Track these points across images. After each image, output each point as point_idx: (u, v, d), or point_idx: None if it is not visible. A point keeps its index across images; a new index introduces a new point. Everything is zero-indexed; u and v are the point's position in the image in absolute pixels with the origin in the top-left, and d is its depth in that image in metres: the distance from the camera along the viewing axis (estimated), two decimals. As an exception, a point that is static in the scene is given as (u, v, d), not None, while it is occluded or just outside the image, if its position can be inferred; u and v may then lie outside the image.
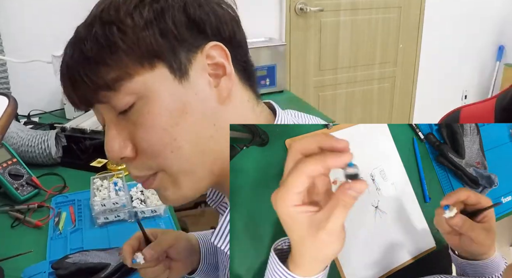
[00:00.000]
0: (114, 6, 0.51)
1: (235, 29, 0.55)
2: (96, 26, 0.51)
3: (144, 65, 0.50)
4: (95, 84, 0.51)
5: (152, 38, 0.50)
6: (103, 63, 0.50)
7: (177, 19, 0.51)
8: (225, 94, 0.53)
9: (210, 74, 0.53)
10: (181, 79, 0.51)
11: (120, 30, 0.50)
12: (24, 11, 1.88)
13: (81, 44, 0.51)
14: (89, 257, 0.94)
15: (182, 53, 0.51)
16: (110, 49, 0.50)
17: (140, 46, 0.50)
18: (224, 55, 0.53)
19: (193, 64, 0.52)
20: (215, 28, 0.53)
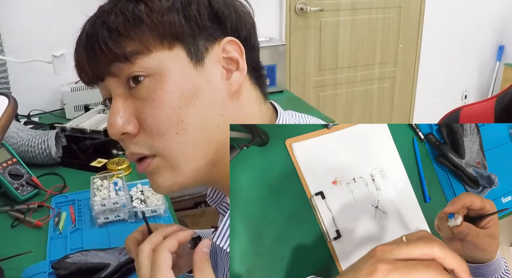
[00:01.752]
0: None
1: (251, 32, 0.58)
2: (122, 1, 0.52)
3: (164, 43, 0.52)
4: (113, 54, 0.52)
5: (176, 20, 0.52)
6: (126, 35, 0.51)
7: (202, 9, 0.53)
8: (235, 88, 0.55)
9: (224, 67, 0.55)
10: (196, 64, 0.53)
11: (147, 7, 0.51)
12: (24, 11, 1.88)
13: (106, 16, 0.52)
14: (89, 257, 0.94)
15: (201, 40, 0.53)
16: (135, 22, 0.51)
17: (164, 25, 0.51)
18: (239, 51, 0.55)
19: (209, 53, 0.54)
20: (234, 26, 0.55)
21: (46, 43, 1.86)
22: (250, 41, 0.58)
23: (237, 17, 0.56)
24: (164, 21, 0.51)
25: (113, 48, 0.51)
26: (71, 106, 1.88)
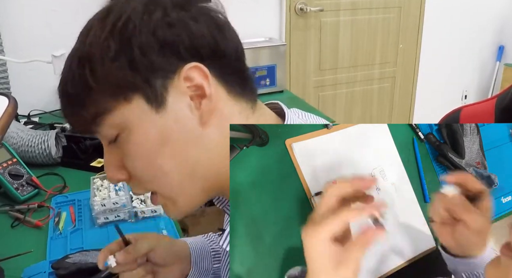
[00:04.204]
0: (89, 39, 0.51)
1: (216, 39, 0.52)
2: (73, 64, 0.52)
3: (119, 100, 0.51)
4: (81, 120, 0.53)
5: (122, 73, 0.49)
6: (82, 103, 0.52)
7: (147, 47, 0.49)
8: (206, 117, 0.52)
9: (192, 96, 0.52)
10: (158, 109, 0.51)
11: (91, 69, 0.50)
12: (24, 11, 1.88)
13: (64, 84, 0.53)
14: (89, 257, 0.94)
15: (158, 82, 0.50)
16: (86, 89, 0.51)
17: (111, 84, 0.50)
18: (203, 76, 0.51)
19: (170, 91, 0.51)
20: (190, 48, 0.51)
21: (46, 43, 1.86)
22: (218, 49, 0.52)
23: (190, 36, 0.50)
24: (110, 80, 0.50)
25: (76, 117, 0.53)
26: (71, 106, 1.88)
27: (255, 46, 2.08)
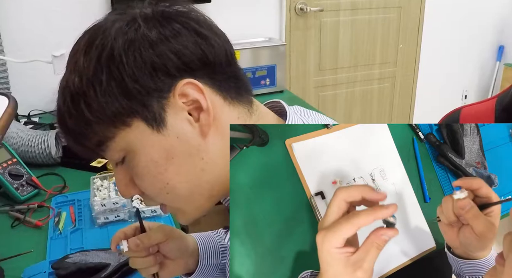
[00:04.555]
0: (78, 71, 0.52)
1: (203, 50, 0.52)
2: (67, 97, 0.53)
3: (118, 126, 0.52)
4: (85, 149, 0.55)
5: (117, 103, 0.51)
6: (83, 134, 0.53)
7: (137, 75, 0.50)
8: (207, 129, 0.53)
9: (189, 110, 0.53)
10: (159, 129, 0.52)
11: (86, 103, 0.51)
12: (24, 11, 1.88)
13: (61, 116, 0.54)
14: (89, 257, 0.94)
15: (154, 103, 0.51)
16: (84, 124, 0.52)
17: (108, 114, 0.51)
18: (198, 90, 0.52)
19: (168, 110, 0.52)
20: (179, 65, 0.51)
21: (46, 43, 1.86)
22: (207, 59, 0.53)
23: (176, 54, 0.51)
24: (106, 111, 0.51)
25: (81, 146, 0.55)
26: (71, 106, 1.88)
27: (255, 46, 2.08)
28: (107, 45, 0.50)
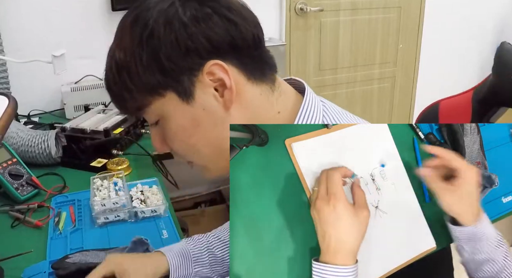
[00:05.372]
0: (123, 46, 0.61)
1: (233, 35, 0.59)
2: (114, 67, 0.62)
3: (154, 96, 0.61)
4: (125, 110, 0.67)
5: (154, 78, 0.59)
6: (125, 99, 0.63)
7: (172, 56, 0.58)
8: (229, 103, 0.61)
9: (216, 86, 0.60)
10: (188, 100, 0.61)
11: (129, 76, 0.60)
12: (24, 11, 1.88)
13: (108, 80, 0.64)
14: (89, 257, 0.94)
15: (185, 79, 0.59)
16: (126, 89, 0.62)
17: (146, 86, 0.60)
18: (223, 71, 0.59)
19: (197, 85, 0.60)
20: (209, 48, 0.58)
21: (46, 43, 1.86)
22: (234, 42, 0.59)
23: (207, 38, 0.58)
24: (145, 83, 0.60)
25: (123, 108, 0.66)
26: (71, 106, 1.88)
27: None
28: (148, 25, 0.58)
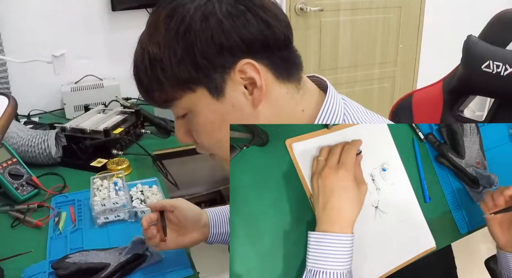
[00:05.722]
0: (157, 39, 0.61)
1: (265, 35, 0.60)
2: (146, 60, 0.62)
3: (185, 90, 0.62)
4: (153, 102, 0.67)
5: (187, 73, 0.60)
6: (154, 91, 0.64)
7: (207, 52, 0.59)
8: (258, 102, 0.62)
9: (246, 84, 0.62)
10: (218, 97, 0.62)
11: (162, 69, 0.61)
12: (24, 11, 1.88)
13: (139, 72, 0.64)
14: (89, 257, 0.94)
15: (217, 77, 0.60)
16: (157, 82, 0.62)
17: (178, 80, 0.61)
18: (254, 70, 0.61)
19: (228, 83, 0.61)
20: (242, 46, 0.59)
21: (46, 43, 1.86)
22: (266, 42, 0.61)
23: (241, 38, 0.59)
24: (178, 78, 0.61)
25: (152, 100, 0.66)
26: (71, 106, 1.88)
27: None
28: (185, 20, 0.59)
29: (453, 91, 1.30)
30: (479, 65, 1.21)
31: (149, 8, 1.97)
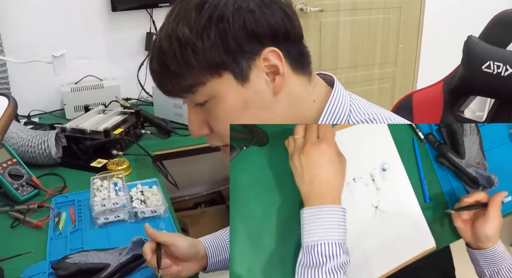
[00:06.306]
0: (188, 24, 0.62)
1: (287, 27, 0.65)
2: (175, 44, 0.62)
3: (213, 74, 0.63)
4: (176, 90, 0.66)
5: (218, 56, 0.62)
6: (182, 75, 0.64)
7: (239, 37, 0.61)
8: (279, 90, 0.66)
9: (267, 73, 0.65)
10: (243, 83, 0.64)
11: (193, 52, 0.62)
12: (24, 11, 1.88)
13: (165, 57, 0.64)
14: (89, 257, 0.94)
15: (244, 62, 0.63)
16: (187, 65, 0.63)
17: (209, 63, 0.62)
18: (278, 58, 0.64)
19: (253, 69, 0.64)
20: (268, 35, 0.63)
21: (46, 43, 1.86)
22: (288, 34, 0.65)
23: (269, 26, 0.63)
24: (209, 61, 0.62)
25: (175, 86, 0.65)
26: (71, 107, 1.88)
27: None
28: (218, 8, 0.61)
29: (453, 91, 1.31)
30: (480, 65, 1.21)
31: (149, 8, 1.97)
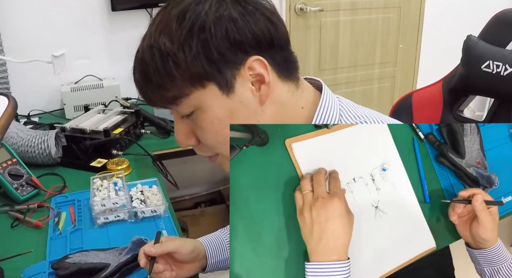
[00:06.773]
0: (169, 35, 0.61)
1: (272, 34, 0.63)
2: (157, 55, 0.62)
3: (197, 86, 0.62)
4: (159, 101, 0.66)
5: (201, 67, 0.61)
6: (164, 87, 0.63)
7: (221, 47, 0.60)
8: (265, 98, 0.64)
9: (253, 82, 0.64)
10: (228, 93, 0.63)
11: (175, 63, 0.61)
12: (24, 11, 1.88)
13: (147, 69, 0.63)
14: (89, 257, 0.94)
15: (228, 72, 0.62)
16: (169, 77, 0.62)
17: (192, 75, 0.61)
18: (263, 66, 0.63)
19: (238, 79, 0.63)
20: (252, 44, 0.62)
21: (46, 43, 1.86)
22: (273, 41, 0.63)
23: (253, 34, 0.61)
24: (191, 71, 0.61)
25: (158, 97, 0.65)
26: (71, 107, 1.88)
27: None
28: (199, 17, 0.60)
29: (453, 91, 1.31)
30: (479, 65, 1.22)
31: (149, 8, 1.97)
